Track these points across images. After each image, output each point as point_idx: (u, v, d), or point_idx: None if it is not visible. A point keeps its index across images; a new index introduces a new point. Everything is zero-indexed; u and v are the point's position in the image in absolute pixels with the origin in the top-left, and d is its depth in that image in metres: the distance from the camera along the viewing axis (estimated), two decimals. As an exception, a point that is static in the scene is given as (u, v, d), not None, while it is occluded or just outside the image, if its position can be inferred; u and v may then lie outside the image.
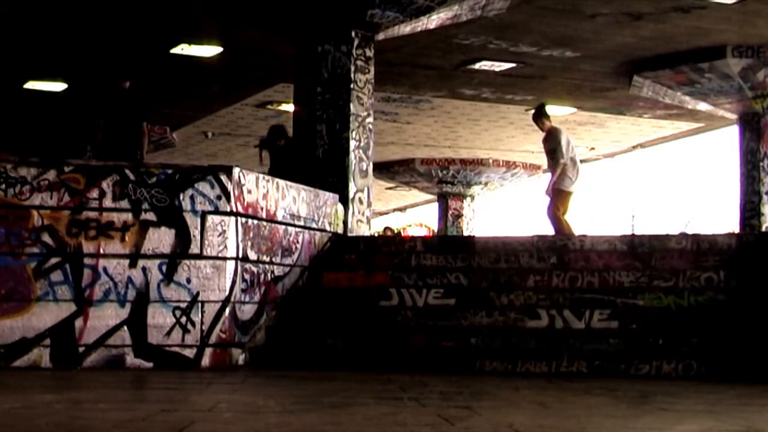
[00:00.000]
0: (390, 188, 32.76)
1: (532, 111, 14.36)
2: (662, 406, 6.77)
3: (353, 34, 13.92)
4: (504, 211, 36.04)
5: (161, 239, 9.51)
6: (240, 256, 9.84)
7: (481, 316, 10.26)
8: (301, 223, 11.33)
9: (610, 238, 11.38)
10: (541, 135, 13.90)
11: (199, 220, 9.60)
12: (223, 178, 9.71)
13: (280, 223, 10.77)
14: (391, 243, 12.75)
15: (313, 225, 11.70)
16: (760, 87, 18.42)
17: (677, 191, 32.84)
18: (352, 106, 13.85)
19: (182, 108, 22.46)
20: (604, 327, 9.95)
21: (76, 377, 8.64)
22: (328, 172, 13.51)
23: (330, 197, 12.43)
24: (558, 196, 13.37)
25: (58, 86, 20.73)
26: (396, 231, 31.44)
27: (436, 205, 32.08)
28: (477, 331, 10.07)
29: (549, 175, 13.69)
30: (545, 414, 6.35)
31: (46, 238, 9.33)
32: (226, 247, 9.65)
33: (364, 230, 13.77)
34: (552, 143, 13.43)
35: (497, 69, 19.02)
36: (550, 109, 22.26)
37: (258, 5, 14.17)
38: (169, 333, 9.43)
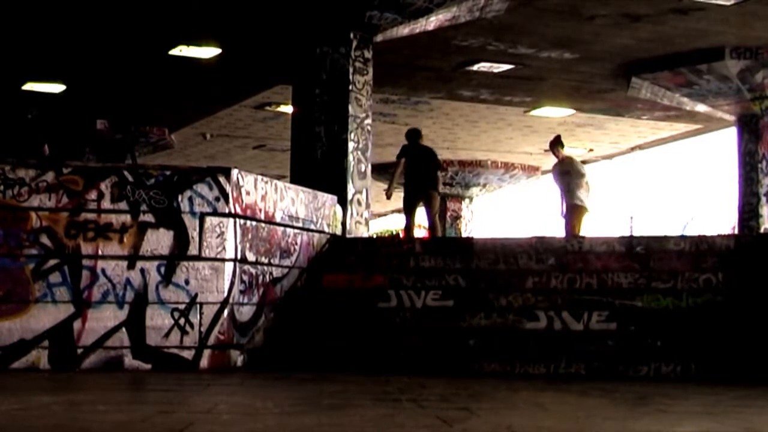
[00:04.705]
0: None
1: (550, 139, 16.04)
2: (661, 408, 6.77)
3: (352, 35, 13.93)
4: (502, 212, 36.03)
5: (159, 241, 9.51)
6: (238, 257, 9.84)
7: (480, 317, 10.26)
8: (300, 224, 11.33)
9: (608, 239, 11.39)
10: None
11: (197, 221, 9.60)
12: (222, 179, 9.71)
13: (279, 224, 10.77)
14: (390, 245, 12.74)
15: (312, 226, 11.70)
16: (758, 88, 18.41)
17: (676, 193, 32.83)
18: (350, 107, 13.86)
19: (180, 109, 22.46)
20: (602, 328, 9.96)
21: (75, 379, 8.64)
22: (326, 174, 13.51)
23: (328, 199, 12.44)
24: (574, 212, 14.96)
25: (57, 87, 20.73)
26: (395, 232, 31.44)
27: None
28: (475, 333, 10.08)
29: (560, 194, 15.26)
30: (544, 416, 6.34)
31: (45, 239, 9.33)
32: (224, 248, 9.65)
33: (362, 232, 13.77)
34: (566, 167, 15.22)
35: (496, 70, 19.02)
36: (549, 111, 22.42)
37: (257, 7, 14.17)
38: (167, 334, 9.43)
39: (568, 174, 15.14)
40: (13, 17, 15.92)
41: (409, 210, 15.35)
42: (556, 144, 15.55)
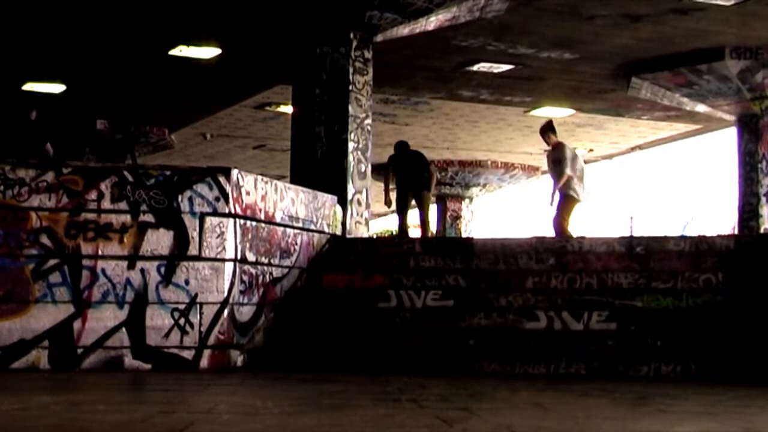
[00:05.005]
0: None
1: (541, 124, 15.04)
2: (661, 408, 6.77)
3: (352, 35, 13.94)
4: (502, 212, 36.05)
5: (160, 241, 9.51)
6: (238, 257, 9.84)
7: (480, 317, 10.26)
8: (300, 224, 11.34)
9: (608, 239, 11.39)
10: (543, 136, 14.38)
11: (197, 221, 9.60)
12: (222, 179, 9.71)
13: (279, 224, 10.78)
14: (390, 245, 12.75)
15: (312, 227, 11.70)
16: (758, 88, 18.41)
17: (676, 193, 32.85)
18: (350, 107, 13.86)
19: (180, 109, 22.46)
20: (602, 328, 9.96)
21: (75, 379, 8.64)
22: (326, 174, 13.51)
23: (328, 199, 12.44)
24: (565, 202, 13.87)
25: (57, 87, 20.73)
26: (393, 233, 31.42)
27: (434, 206, 32.06)
28: (475, 333, 10.08)
29: (551, 182, 14.16)
30: (543, 416, 6.34)
31: (45, 239, 9.33)
32: (224, 248, 9.65)
33: (362, 232, 13.77)
34: (557, 155, 14.12)
35: (496, 70, 19.02)
36: (549, 111, 22.42)
37: (257, 7, 14.17)
38: (167, 334, 9.43)
39: (560, 162, 14.04)
40: (13, 17, 15.92)
41: (401, 210, 15.75)
42: (547, 130, 14.51)
